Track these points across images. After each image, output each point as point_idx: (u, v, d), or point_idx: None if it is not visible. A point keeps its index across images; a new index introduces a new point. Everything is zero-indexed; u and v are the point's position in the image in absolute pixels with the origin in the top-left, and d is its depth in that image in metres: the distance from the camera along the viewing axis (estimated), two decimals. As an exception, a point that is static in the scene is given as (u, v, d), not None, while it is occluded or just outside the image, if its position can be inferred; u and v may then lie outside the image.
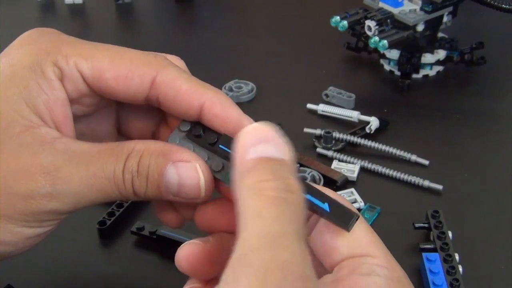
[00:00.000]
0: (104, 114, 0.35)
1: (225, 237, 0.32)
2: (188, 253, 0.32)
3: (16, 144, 0.29)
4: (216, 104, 0.32)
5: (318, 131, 0.60)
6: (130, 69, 0.32)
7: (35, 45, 0.31)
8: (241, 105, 0.69)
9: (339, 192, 0.53)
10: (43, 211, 0.30)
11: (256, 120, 0.62)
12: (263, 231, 0.24)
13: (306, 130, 0.61)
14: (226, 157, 0.31)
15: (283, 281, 0.22)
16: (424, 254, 0.46)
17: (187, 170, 0.31)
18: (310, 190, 0.29)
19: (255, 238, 0.24)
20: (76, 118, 0.33)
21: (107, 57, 0.32)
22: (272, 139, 0.27)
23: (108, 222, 0.50)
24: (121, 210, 0.52)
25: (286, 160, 0.27)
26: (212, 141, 0.32)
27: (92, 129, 0.35)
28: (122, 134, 0.37)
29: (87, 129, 0.35)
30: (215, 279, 0.31)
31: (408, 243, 0.49)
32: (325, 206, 0.29)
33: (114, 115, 0.36)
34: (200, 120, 0.33)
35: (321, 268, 0.30)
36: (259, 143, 0.27)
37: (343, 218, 0.29)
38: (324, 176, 0.55)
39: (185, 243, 0.32)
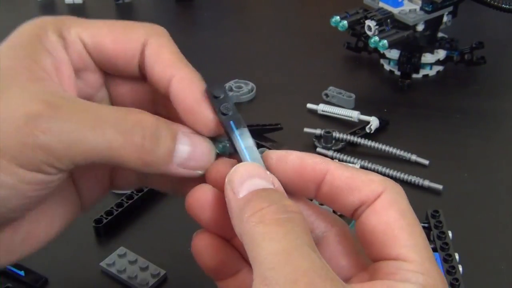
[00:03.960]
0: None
1: None
2: (201, 194, 0.31)
3: (21, 88, 0.29)
4: (184, 81, 0.32)
5: (318, 131, 0.60)
6: (125, 33, 0.33)
7: (40, 20, 0.33)
8: (241, 105, 0.70)
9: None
10: (37, 144, 0.28)
11: (256, 119, 0.62)
12: (276, 249, 0.25)
13: (306, 130, 0.61)
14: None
15: (312, 285, 0.24)
16: (424, 254, 0.46)
17: (199, 139, 0.31)
18: None
19: (271, 257, 0.25)
20: None
21: (105, 25, 0.33)
22: (257, 174, 0.29)
23: (105, 221, 0.51)
24: (120, 209, 0.52)
25: (276, 188, 0.29)
26: (226, 111, 0.32)
27: None
28: None
29: None
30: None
31: (408, 243, 0.49)
32: None
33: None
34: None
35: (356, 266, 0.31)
36: (247, 180, 0.29)
37: None
38: (324, 176, 0.55)
39: (198, 186, 0.32)
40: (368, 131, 0.61)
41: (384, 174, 0.56)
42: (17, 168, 0.28)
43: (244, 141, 0.31)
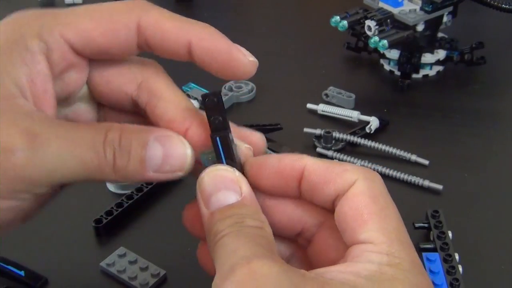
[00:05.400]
0: (90, 102, 0.35)
1: None
2: (191, 212, 0.33)
3: None
4: (204, 38, 0.32)
5: (318, 131, 0.60)
6: (112, 21, 0.31)
7: (19, 20, 0.32)
8: (241, 105, 0.70)
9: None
10: (18, 177, 0.28)
11: (256, 119, 0.62)
12: (228, 251, 0.27)
13: (306, 130, 0.61)
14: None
15: (248, 264, 0.26)
16: (424, 254, 0.46)
17: (172, 141, 0.31)
18: None
19: (223, 259, 0.27)
20: (62, 103, 0.33)
21: (88, 17, 0.31)
22: (225, 182, 0.30)
23: (105, 221, 0.51)
24: (120, 209, 0.52)
25: (242, 200, 0.30)
26: (216, 125, 0.31)
27: (77, 115, 0.35)
28: None
29: (73, 115, 0.35)
30: None
31: (408, 243, 0.49)
32: None
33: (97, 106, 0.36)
34: (191, 58, 0.32)
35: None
36: (216, 192, 0.30)
37: None
38: (324, 176, 0.55)
39: (189, 204, 0.33)
40: (368, 131, 0.61)
41: (384, 174, 0.56)
42: None
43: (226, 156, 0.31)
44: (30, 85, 0.30)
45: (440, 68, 0.71)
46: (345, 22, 0.66)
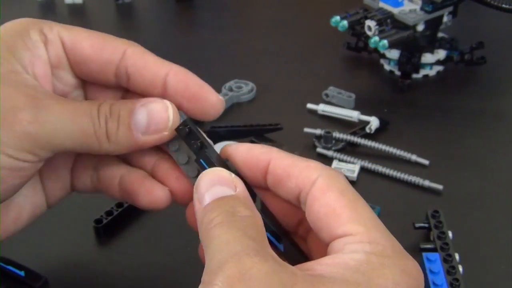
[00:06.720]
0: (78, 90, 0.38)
1: None
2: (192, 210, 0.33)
3: (4, 80, 0.32)
4: (181, 72, 0.35)
5: (318, 131, 0.60)
6: (104, 41, 0.35)
7: (23, 19, 0.36)
8: (241, 105, 0.70)
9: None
10: (24, 133, 0.31)
11: (256, 119, 0.62)
12: (218, 244, 0.27)
13: (306, 130, 0.61)
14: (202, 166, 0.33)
15: (239, 264, 0.26)
16: (424, 254, 0.46)
17: (155, 104, 0.34)
18: (270, 229, 0.32)
19: (213, 252, 0.27)
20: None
21: (86, 31, 0.36)
22: (221, 180, 0.31)
23: (105, 221, 0.51)
24: (120, 209, 0.52)
25: (236, 194, 0.30)
26: (195, 149, 0.33)
27: None
28: None
29: None
30: None
31: (408, 243, 0.49)
32: (280, 247, 0.32)
33: None
34: (166, 92, 0.35)
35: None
36: (209, 188, 0.30)
37: (295, 259, 0.31)
38: (324, 176, 0.55)
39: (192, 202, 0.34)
40: (368, 131, 0.61)
41: (384, 174, 0.56)
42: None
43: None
44: (32, 67, 0.33)
45: (440, 68, 0.72)
46: (345, 22, 0.66)
